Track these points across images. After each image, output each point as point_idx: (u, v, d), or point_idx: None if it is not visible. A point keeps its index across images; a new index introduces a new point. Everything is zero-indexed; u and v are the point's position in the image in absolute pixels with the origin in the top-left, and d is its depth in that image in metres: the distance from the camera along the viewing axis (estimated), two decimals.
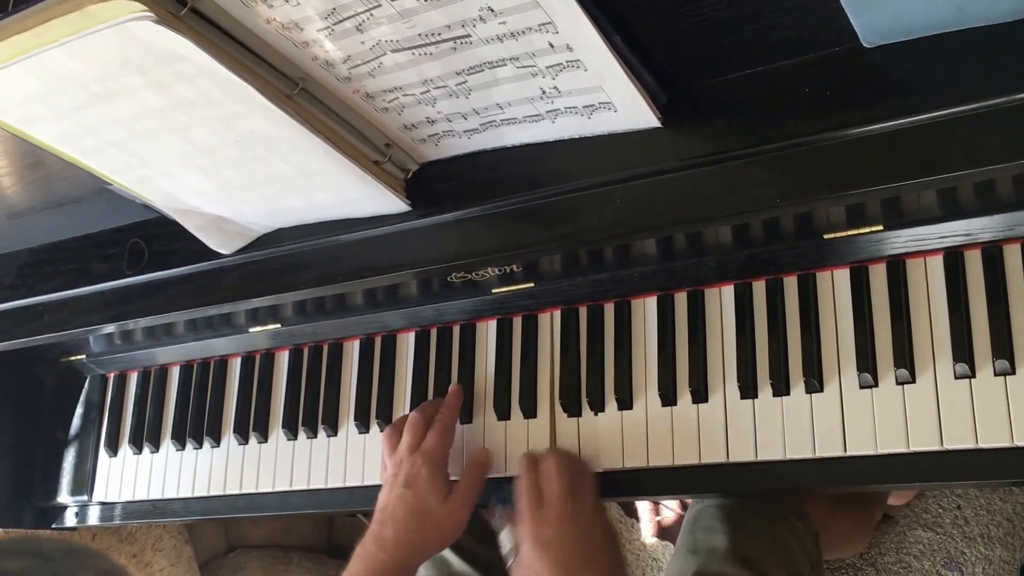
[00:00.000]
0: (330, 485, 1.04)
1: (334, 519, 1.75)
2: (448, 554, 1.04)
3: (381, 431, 1.02)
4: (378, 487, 0.98)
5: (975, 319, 0.78)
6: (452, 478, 0.93)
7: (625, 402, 0.90)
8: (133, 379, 1.22)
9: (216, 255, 0.95)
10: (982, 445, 0.75)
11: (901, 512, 1.44)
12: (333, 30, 0.70)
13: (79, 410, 1.24)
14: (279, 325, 1.08)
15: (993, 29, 0.62)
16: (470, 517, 0.91)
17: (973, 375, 0.77)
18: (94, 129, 0.80)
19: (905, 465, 0.79)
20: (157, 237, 0.99)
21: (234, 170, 0.84)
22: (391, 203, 0.85)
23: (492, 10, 0.66)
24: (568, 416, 0.93)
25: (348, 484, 1.03)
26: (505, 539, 0.88)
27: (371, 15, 0.68)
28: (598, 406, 0.91)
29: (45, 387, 1.25)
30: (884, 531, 1.44)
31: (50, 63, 0.71)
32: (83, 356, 1.22)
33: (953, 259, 0.79)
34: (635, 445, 0.89)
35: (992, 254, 0.78)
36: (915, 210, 0.77)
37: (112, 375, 1.23)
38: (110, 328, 1.05)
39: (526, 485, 0.86)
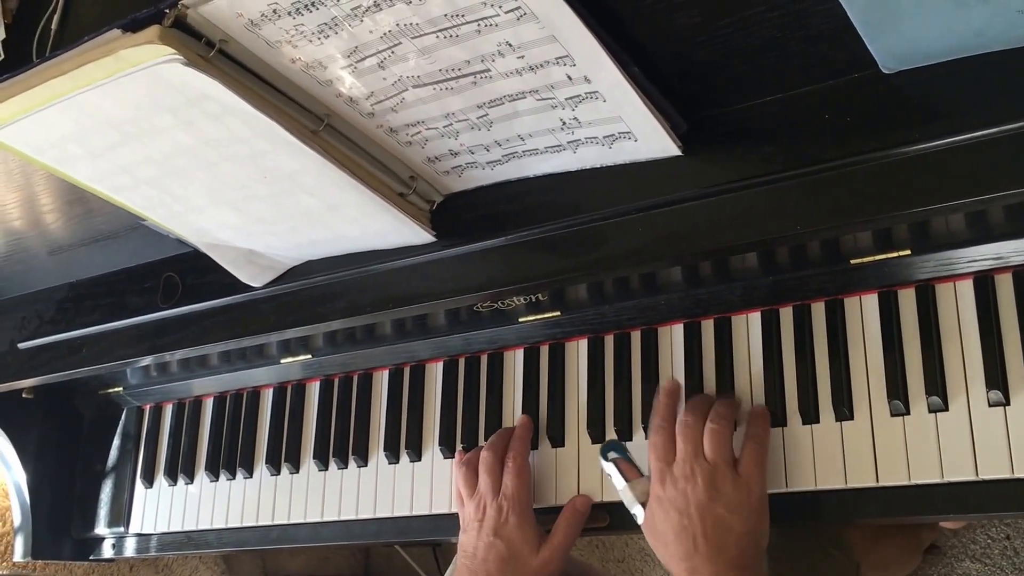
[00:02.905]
0: (361, 516, 1.04)
1: (370, 549, 1.74)
2: None
3: (411, 461, 1.03)
4: (407, 519, 0.98)
5: (1008, 345, 0.76)
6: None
7: None
8: (168, 411, 1.23)
9: (247, 288, 0.97)
10: (1018, 475, 0.73)
11: (949, 543, 1.39)
12: (356, 68, 0.72)
13: (116, 442, 1.26)
14: (310, 356, 1.09)
15: (1013, 53, 0.62)
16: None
17: (1008, 402, 0.75)
18: (127, 167, 0.83)
19: (942, 495, 0.77)
20: (190, 271, 1.02)
21: (262, 204, 0.86)
22: (417, 234, 0.86)
23: (510, 45, 0.67)
24: (595, 444, 0.92)
25: (378, 515, 1.03)
26: (626, 495, 0.84)
27: (392, 52, 0.70)
28: (625, 434, 0.91)
29: (84, 419, 1.28)
30: (931, 562, 1.40)
31: (85, 105, 0.73)
32: (120, 388, 1.24)
33: (984, 283, 0.78)
34: None
35: None
36: (943, 234, 0.76)
37: (148, 407, 1.25)
38: (146, 360, 1.07)
39: (659, 438, 0.81)
